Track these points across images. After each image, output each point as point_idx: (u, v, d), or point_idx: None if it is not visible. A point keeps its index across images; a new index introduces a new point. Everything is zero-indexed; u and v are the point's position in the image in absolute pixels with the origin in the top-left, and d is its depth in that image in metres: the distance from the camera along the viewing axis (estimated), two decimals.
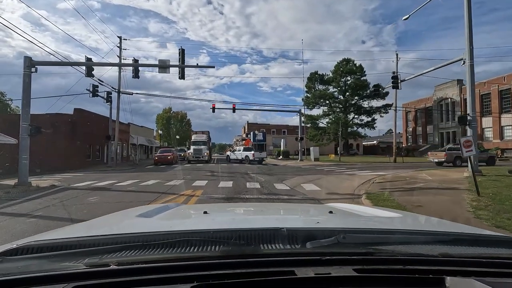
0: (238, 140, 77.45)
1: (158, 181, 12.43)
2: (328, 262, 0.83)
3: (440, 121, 43.66)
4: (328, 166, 22.16)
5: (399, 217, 1.67)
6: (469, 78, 12.42)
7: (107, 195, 8.69)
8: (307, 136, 42.38)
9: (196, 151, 27.93)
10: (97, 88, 18.55)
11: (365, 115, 46.52)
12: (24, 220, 5.65)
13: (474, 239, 1.09)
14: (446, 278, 0.78)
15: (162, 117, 60.34)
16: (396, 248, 0.92)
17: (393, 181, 11.51)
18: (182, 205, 2.39)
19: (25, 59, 11.32)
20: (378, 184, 10.76)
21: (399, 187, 9.75)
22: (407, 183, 10.66)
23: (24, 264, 0.82)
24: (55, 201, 7.76)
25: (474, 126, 12.18)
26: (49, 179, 14.18)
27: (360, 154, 54.56)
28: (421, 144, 46.77)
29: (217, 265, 0.80)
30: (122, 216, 1.78)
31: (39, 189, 10.43)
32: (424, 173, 14.19)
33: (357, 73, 44.61)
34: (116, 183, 11.82)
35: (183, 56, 12.81)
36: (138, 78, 12.79)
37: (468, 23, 12.47)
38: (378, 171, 16.54)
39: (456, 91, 40.18)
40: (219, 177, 13.72)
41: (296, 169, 19.27)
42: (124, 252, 0.87)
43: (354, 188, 10.29)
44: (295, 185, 11.20)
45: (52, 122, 20.76)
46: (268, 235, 0.96)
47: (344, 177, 14.00)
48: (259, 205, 4.35)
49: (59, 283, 0.72)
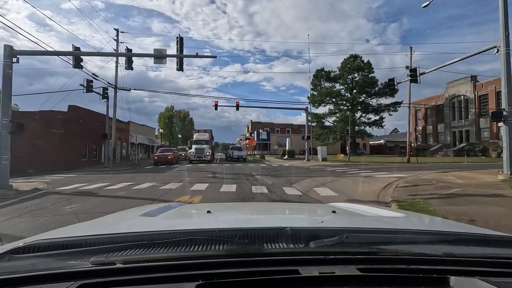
0: (242, 139, 76.33)
1: (153, 184, 11.17)
2: (332, 262, 0.83)
3: (452, 120, 41.87)
4: (338, 166, 20.73)
5: (402, 216, 1.66)
6: (504, 68, 10.93)
7: (89, 203, 7.41)
8: (313, 135, 40.91)
9: (198, 150, 26.33)
10: (91, 83, 17.31)
11: (372, 114, 44.91)
12: None
13: (478, 239, 1.07)
14: (450, 278, 0.77)
15: (164, 115, 59.21)
16: (399, 248, 0.92)
17: (419, 185, 10.09)
18: (185, 205, 2.32)
19: (5, 48, 10.12)
20: (404, 189, 9.36)
21: (431, 193, 8.35)
22: (438, 188, 9.24)
23: (31, 262, 0.82)
24: (25, 210, 6.51)
25: (511, 122, 10.68)
26: (36, 181, 13.00)
27: (366, 153, 52.92)
28: (431, 143, 45.00)
29: (221, 264, 0.80)
30: (126, 215, 1.80)
31: (17, 194, 9.21)
32: (450, 175, 12.73)
33: (365, 70, 43.00)
34: (106, 187, 10.59)
35: (182, 45, 11.51)
36: (132, 69, 11.56)
37: (504, 7, 11.00)
38: (395, 172, 15.11)
39: (469, 88, 38.37)
40: (221, 179, 12.41)
41: (304, 170, 17.89)
42: (129, 250, 0.87)
43: (376, 193, 8.93)
44: (307, 189, 9.86)
45: (45, 120, 19.62)
46: (271, 235, 0.96)
47: (360, 179, 12.60)
48: (263, 204, 4.30)
49: (65, 281, 0.73)
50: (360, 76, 43.31)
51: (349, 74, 43.53)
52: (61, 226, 5.03)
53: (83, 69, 12.68)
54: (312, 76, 44.39)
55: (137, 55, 12.26)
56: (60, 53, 11.62)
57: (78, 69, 12.07)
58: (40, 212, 6.30)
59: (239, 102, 27.41)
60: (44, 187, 10.92)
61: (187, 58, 11.96)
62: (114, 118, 21.25)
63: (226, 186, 10.24)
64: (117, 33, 20.19)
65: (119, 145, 30.07)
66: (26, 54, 10.71)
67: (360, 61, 43.46)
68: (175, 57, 11.34)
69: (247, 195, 8.47)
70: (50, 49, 10.90)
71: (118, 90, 21.49)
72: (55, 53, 11.34)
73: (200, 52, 76.14)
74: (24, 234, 4.58)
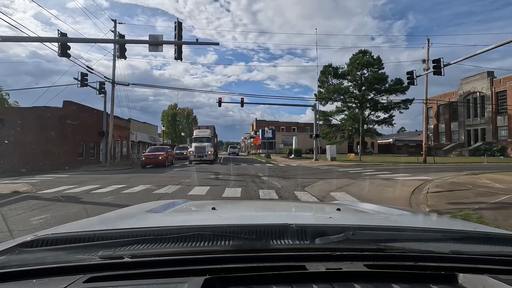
0: (246, 137, 75.02)
1: (148, 186, 9.94)
2: (338, 258, 0.82)
3: (467, 118, 39.96)
4: (350, 167, 19.30)
5: (409, 214, 1.65)
6: None
7: (63, 212, 6.17)
8: (320, 133, 39.40)
9: (198, 149, 22.99)
10: (86, 77, 16.13)
11: (382, 111, 43.17)
12: None
13: (486, 237, 1.05)
14: (459, 275, 0.76)
15: (168, 113, 58.21)
16: (406, 245, 0.90)
17: (454, 190, 8.67)
18: (190, 201, 2.23)
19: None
20: (438, 195, 7.96)
21: (476, 202, 6.93)
22: (479, 195, 7.82)
23: (40, 255, 0.83)
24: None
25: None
26: (22, 182, 11.88)
27: (375, 153, 51.20)
28: (444, 142, 43.14)
29: (228, 259, 0.80)
30: (132, 211, 1.79)
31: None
32: (483, 178, 11.25)
33: (375, 66, 41.30)
34: (94, 190, 9.39)
35: (180, 31, 10.22)
36: (125, 58, 10.39)
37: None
38: (416, 174, 13.67)
39: (486, 84, 36.44)
40: (224, 182, 11.13)
41: (315, 171, 16.51)
42: (137, 245, 0.87)
43: (406, 200, 7.58)
44: (322, 194, 8.53)
45: (39, 116, 18.54)
46: (278, 231, 0.96)
47: (379, 182, 11.20)
48: (268, 202, 4.43)
49: (74, 274, 0.74)
50: (369, 72, 41.62)
51: (358, 70, 41.88)
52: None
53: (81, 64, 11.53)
54: (320, 72, 42.90)
55: (130, 42, 11.00)
56: (45, 39, 10.37)
57: (80, 67, 10.90)
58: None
59: (244, 99, 26.17)
60: (26, 190, 9.77)
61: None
62: (112, 115, 20.06)
63: (230, 190, 8.96)
64: (115, 25, 18.95)
65: (119, 143, 28.98)
66: (6, 41, 9.53)
67: (370, 56, 41.76)
68: (173, 44, 10.04)
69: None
70: (33, 35, 9.69)
71: (116, 85, 20.30)
72: (38, 39, 10.11)
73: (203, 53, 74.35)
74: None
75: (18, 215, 5.90)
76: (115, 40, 10.29)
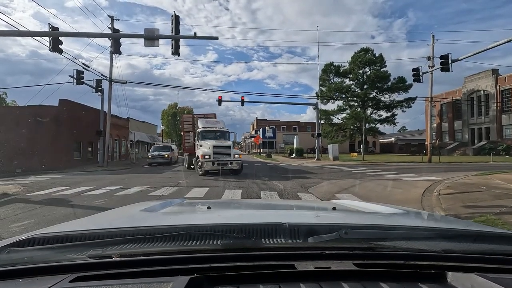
0: (247, 137, 74.49)
1: (144, 188, 9.48)
2: (328, 257, 0.82)
3: (471, 116, 39.39)
4: (353, 166, 18.81)
5: (402, 213, 1.60)
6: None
7: (49, 217, 5.70)
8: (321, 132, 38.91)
9: (219, 150, 12.93)
10: (82, 75, 15.65)
11: (384, 110, 42.62)
12: None
13: (477, 235, 1.04)
14: (447, 274, 0.76)
15: (168, 113, 57.73)
16: (397, 244, 0.90)
17: (468, 192, 8.18)
18: (186, 200, 2.18)
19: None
20: (451, 197, 7.48)
21: (494, 205, 6.44)
22: (496, 197, 7.33)
23: (29, 255, 0.83)
24: None
25: None
26: (14, 183, 11.43)
27: (376, 152, 50.68)
28: (447, 141, 42.57)
29: (217, 258, 0.80)
30: (126, 210, 1.78)
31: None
32: (495, 178, 10.75)
33: (377, 64, 40.74)
34: (87, 191, 8.93)
35: (177, 25, 9.74)
36: (119, 53, 9.94)
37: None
38: (423, 174, 13.18)
39: (490, 82, 35.85)
40: (224, 183, 10.65)
41: (318, 171, 16.01)
42: (126, 244, 0.87)
43: (417, 203, 7.10)
44: (327, 196, 8.05)
45: (34, 115, 18.08)
46: (269, 230, 0.95)
47: (386, 183, 10.71)
48: (263, 201, 4.32)
49: (62, 274, 0.74)
50: (371, 71, 41.07)
51: (360, 68, 41.35)
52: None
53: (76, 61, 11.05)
54: (321, 70, 42.32)
55: (125, 36, 10.53)
56: (35, 33, 9.87)
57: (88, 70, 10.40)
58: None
59: (245, 98, 25.65)
60: (16, 192, 9.33)
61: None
62: (109, 113, 19.58)
63: (230, 192, 8.51)
64: (112, 21, 18.48)
65: (118, 142, 28.53)
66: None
67: (372, 54, 41.22)
68: (170, 38, 9.56)
69: None
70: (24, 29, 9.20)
71: (114, 84, 19.83)
72: (29, 33, 9.59)
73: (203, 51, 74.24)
74: None
75: (0, 220, 5.44)
76: (110, 34, 9.84)
